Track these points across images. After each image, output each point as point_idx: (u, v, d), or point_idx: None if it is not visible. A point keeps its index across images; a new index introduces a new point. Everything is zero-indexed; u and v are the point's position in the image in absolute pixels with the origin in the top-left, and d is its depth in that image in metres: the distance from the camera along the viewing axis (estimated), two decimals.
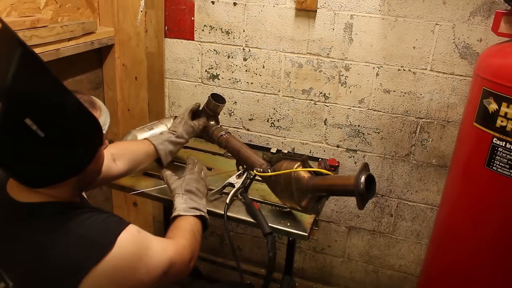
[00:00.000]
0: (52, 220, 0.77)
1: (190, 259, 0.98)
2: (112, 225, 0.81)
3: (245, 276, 1.84)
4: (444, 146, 1.65)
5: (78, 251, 0.75)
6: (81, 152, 0.77)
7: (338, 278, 2.04)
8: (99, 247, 0.75)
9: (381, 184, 1.78)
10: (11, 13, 1.33)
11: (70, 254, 0.74)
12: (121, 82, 1.88)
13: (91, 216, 0.80)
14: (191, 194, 1.15)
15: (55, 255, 0.74)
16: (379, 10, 1.55)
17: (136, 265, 0.80)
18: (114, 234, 0.78)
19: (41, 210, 0.78)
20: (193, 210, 1.11)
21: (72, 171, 0.79)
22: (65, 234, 0.76)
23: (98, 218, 0.80)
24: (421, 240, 1.83)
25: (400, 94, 1.64)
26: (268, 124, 1.85)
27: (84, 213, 0.80)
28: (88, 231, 0.77)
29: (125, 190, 1.38)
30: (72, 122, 0.74)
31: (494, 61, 1.13)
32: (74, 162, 0.77)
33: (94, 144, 0.81)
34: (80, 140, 0.77)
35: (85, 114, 0.76)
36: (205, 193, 1.20)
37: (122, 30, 1.78)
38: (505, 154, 1.07)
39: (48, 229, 0.76)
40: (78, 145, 0.76)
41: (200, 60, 1.84)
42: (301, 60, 1.70)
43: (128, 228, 0.81)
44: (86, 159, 0.79)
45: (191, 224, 1.07)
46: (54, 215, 0.78)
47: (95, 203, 1.99)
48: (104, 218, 0.81)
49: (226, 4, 1.72)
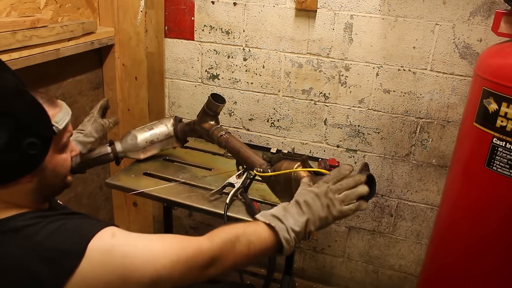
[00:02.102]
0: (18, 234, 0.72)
1: (207, 266, 0.79)
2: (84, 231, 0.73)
3: (245, 276, 1.84)
4: (444, 146, 1.65)
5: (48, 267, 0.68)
6: (28, 143, 0.71)
7: (338, 278, 2.04)
8: (69, 258, 0.69)
9: (381, 184, 1.78)
10: (11, 13, 1.33)
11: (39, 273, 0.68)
12: (121, 82, 1.88)
13: (64, 223, 0.74)
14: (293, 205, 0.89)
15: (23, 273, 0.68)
16: (379, 10, 1.55)
17: (109, 279, 0.71)
18: (84, 242, 0.71)
19: (8, 225, 0.73)
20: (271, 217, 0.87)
21: (24, 166, 0.73)
22: (33, 249, 0.70)
23: (71, 225, 0.74)
24: (421, 240, 1.83)
25: (400, 94, 1.64)
26: (268, 124, 1.85)
27: (55, 221, 0.74)
28: (57, 242, 0.71)
29: (125, 190, 1.38)
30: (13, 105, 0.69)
31: (494, 61, 1.13)
32: (23, 153, 0.71)
33: (43, 136, 0.74)
34: (23, 127, 0.70)
35: (27, 99, 0.72)
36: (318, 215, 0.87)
37: (122, 30, 1.78)
38: (505, 154, 1.07)
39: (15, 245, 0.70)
40: (24, 134, 0.70)
41: (200, 60, 1.84)
42: (301, 60, 1.70)
43: (100, 233, 0.73)
44: (36, 152, 0.73)
45: (244, 229, 0.84)
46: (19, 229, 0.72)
47: (95, 203, 1.99)
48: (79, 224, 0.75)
49: (226, 4, 1.72)
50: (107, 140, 1.50)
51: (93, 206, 1.99)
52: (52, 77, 1.58)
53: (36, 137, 0.72)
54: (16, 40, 1.26)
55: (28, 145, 0.71)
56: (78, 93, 1.73)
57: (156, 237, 0.81)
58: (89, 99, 1.82)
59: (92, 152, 1.44)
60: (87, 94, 1.79)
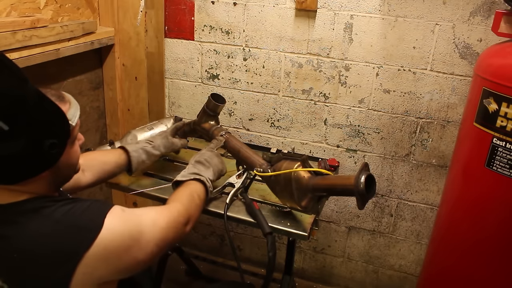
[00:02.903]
0: (36, 214, 0.78)
1: (186, 222, 0.99)
2: (96, 210, 0.81)
3: (245, 276, 1.84)
4: (444, 146, 1.65)
5: (67, 240, 0.76)
6: (50, 144, 0.77)
7: (338, 278, 2.04)
8: (87, 232, 0.76)
9: (381, 184, 1.78)
10: (11, 13, 1.33)
11: (60, 244, 0.75)
12: (121, 82, 1.88)
13: (75, 205, 0.81)
14: (197, 163, 1.20)
15: (43, 248, 0.75)
16: (379, 10, 1.55)
17: (127, 244, 0.81)
18: (101, 218, 0.79)
19: (23, 207, 0.79)
20: (192, 175, 1.15)
21: (44, 165, 0.79)
22: (51, 226, 0.76)
23: (82, 206, 0.81)
24: (421, 240, 1.83)
25: (400, 94, 1.64)
26: (268, 124, 1.85)
27: (66, 204, 0.81)
28: (74, 219, 0.78)
29: (125, 190, 1.38)
30: (34, 113, 0.74)
31: (494, 61, 1.13)
32: (44, 154, 0.77)
33: (62, 135, 0.81)
34: (45, 131, 0.76)
35: (47, 104, 0.77)
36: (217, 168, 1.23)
37: (122, 30, 1.78)
38: (505, 154, 1.07)
39: (33, 223, 0.77)
40: (45, 137, 0.76)
41: (200, 60, 1.84)
42: (301, 60, 1.70)
43: (113, 210, 0.82)
44: (56, 151, 0.79)
45: (190, 188, 1.10)
46: (37, 210, 0.78)
47: None
48: (88, 205, 0.81)
49: (226, 4, 1.72)
50: (107, 140, 1.50)
51: None
52: (52, 77, 1.58)
53: (56, 137, 0.78)
54: (16, 40, 1.26)
55: (49, 146, 0.76)
56: (78, 93, 1.73)
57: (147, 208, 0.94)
58: (89, 99, 1.82)
59: None
60: (87, 94, 1.79)
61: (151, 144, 1.35)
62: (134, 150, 1.30)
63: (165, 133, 1.41)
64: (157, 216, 0.92)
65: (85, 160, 1.21)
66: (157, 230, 0.88)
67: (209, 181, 1.17)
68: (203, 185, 1.15)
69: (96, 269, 0.77)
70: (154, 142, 1.35)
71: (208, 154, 1.25)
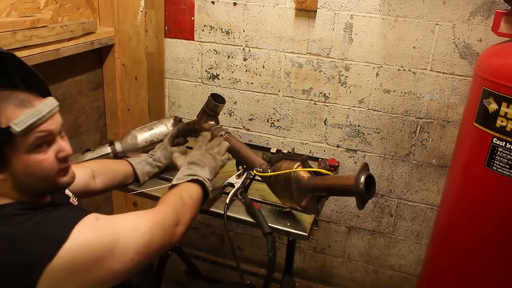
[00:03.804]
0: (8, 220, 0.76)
1: (175, 224, 0.95)
2: (67, 219, 0.79)
3: (245, 276, 1.84)
4: (444, 146, 1.65)
5: (32, 250, 0.73)
6: None
7: (338, 278, 2.04)
8: (52, 242, 0.74)
9: (381, 184, 1.78)
10: (11, 13, 1.33)
11: (24, 254, 0.73)
12: (121, 82, 1.88)
13: (49, 214, 0.79)
14: (191, 164, 1.16)
15: (8, 256, 0.73)
16: (379, 10, 1.55)
17: (99, 254, 0.77)
18: (69, 228, 0.76)
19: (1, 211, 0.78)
20: (187, 176, 1.11)
21: None
22: (19, 234, 0.74)
23: (56, 215, 0.79)
24: (421, 240, 1.83)
25: (400, 94, 1.64)
26: (268, 124, 1.85)
27: (43, 213, 0.79)
28: (43, 229, 0.76)
29: (125, 190, 1.38)
30: None
31: (494, 61, 1.13)
32: None
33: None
34: None
35: None
36: (212, 165, 1.19)
37: (122, 30, 1.78)
38: (505, 154, 1.07)
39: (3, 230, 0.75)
40: None
41: (200, 60, 1.84)
42: (301, 60, 1.70)
43: (85, 219, 0.79)
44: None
45: (180, 189, 1.06)
46: (9, 217, 0.77)
47: (95, 203, 1.99)
48: (62, 214, 0.79)
49: (226, 4, 1.72)
50: (107, 140, 1.51)
51: (93, 206, 1.99)
52: (52, 77, 1.58)
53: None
54: (16, 40, 1.26)
55: None
56: (78, 93, 1.73)
57: (128, 213, 0.90)
58: (89, 99, 1.82)
59: (92, 152, 1.45)
60: (87, 94, 1.79)
61: (152, 157, 1.39)
62: (138, 162, 1.35)
63: (163, 145, 1.42)
64: (138, 221, 0.88)
65: (99, 167, 1.23)
66: (138, 235, 0.84)
67: (207, 181, 1.13)
68: (199, 185, 1.11)
69: (62, 281, 0.74)
70: (154, 155, 1.39)
71: (198, 153, 1.21)
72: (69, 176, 0.89)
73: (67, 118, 1.68)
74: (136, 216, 0.90)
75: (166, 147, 1.41)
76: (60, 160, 0.85)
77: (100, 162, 1.30)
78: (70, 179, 0.89)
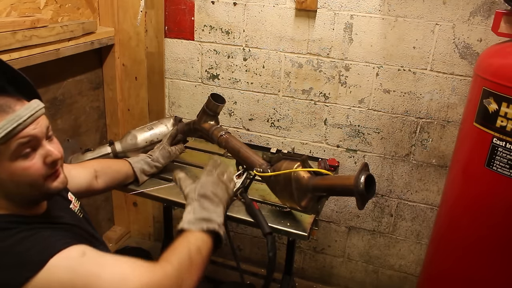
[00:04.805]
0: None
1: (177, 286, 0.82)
2: (51, 244, 0.72)
3: (245, 276, 1.84)
4: (444, 146, 1.65)
5: (6, 270, 0.69)
6: None
7: (338, 278, 2.04)
8: (25, 267, 0.69)
9: (381, 184, 1.78)
10: (11, 13, 1.33)
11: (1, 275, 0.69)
12: (121, 82, 1.88)
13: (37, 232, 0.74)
14: (204, 200, 1.01)
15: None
16: (379, 10, 1.55)
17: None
18: (48, 254, 0.70)
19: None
20: (201, 222, 0.96)
21: None
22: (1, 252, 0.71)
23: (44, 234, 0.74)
24: (421, 240, 1.83)
25: (400, 94, 1.64)
26: (268, 124, 1.85)
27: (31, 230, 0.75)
28: (23, 247, 0.71)
29: (125, 190, 1.38)
30: None
31: (494, 61, 1.13)
32: None
33: None
34: None
35: None
36: (225, 198, 1.08)
37: (122, 30, 1.78)
38: (505, 154, 1.07)
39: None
40: None
41: (200, 60, 1.84)
42: (301, 60, 1.70)
43: (69, 250, 0.72)
44: None
45: (191, 243, 0.91)
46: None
47: (95, 203, 1.99)
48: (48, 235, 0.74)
49: (226, 4, 1.72)
50: (107, 140, 1.51)
51: (93, 206, 1.99)
52: (52, 77, 1.58)
53: None
54: (16, 40, 1.26)
55: None
56: (78, 93, 1.73)
57: (123, 259, 0.79)
58: (89, 99, 1.82)
59: (92, 152, 1.45)
60: (87, 94, 1.80)
61: (150, 157, 1.39)
62: (136, 161, 1.35)
63: (162, 145, 1.42)
64: (129, 272, 0.76)
65: (101, 167, 1.23)
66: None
67: (222, 226, 0.98)
68: (210, 236, 0.95)
69: None
70: (152, 155, 1.39)
71: (210, 183, 1.06)
72: (60, 181, 0.83)
73: (67, 118, 1.68)
74: (131, 265, 0.78)
75: (165, 147, 1.41)
76: (49, 165, 0.80)
77: (101, 162, 1.30)
78: (61, 185, 0.84)
